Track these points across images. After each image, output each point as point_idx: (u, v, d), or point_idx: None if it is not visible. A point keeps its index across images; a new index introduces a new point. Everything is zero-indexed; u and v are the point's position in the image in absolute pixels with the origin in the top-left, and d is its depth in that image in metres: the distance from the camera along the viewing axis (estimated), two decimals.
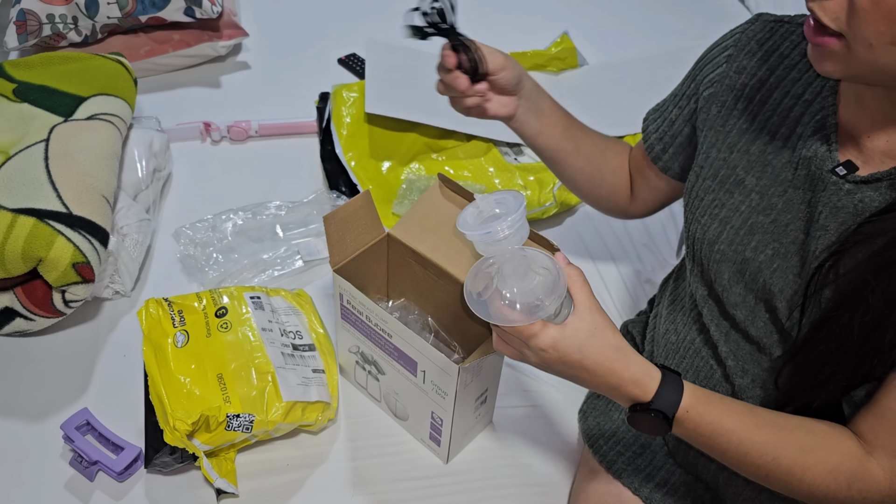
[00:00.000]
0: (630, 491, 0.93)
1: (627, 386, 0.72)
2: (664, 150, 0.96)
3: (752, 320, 0.80)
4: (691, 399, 0.72)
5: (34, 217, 1.05)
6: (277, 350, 1.03)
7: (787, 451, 0.72)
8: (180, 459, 0.97)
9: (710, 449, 0.74)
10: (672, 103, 0.94)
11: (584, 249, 1.36)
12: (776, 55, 0.80)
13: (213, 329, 1.02)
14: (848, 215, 0.72)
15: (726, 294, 0.82)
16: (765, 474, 0.73)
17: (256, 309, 1.06)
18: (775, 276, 0.77)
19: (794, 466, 0.72)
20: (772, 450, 0.72)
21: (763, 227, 0.79)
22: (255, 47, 1.77)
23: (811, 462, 0.71)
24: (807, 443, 0.72)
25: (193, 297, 1.06)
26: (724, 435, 0.73)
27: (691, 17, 1.98)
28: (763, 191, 0.79)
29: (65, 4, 1.54)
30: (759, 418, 0.74)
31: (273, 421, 0.96)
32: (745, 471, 0.75)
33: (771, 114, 0.80)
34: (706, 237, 0.83)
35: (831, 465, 0.71)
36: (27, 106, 1.27)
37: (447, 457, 1.04)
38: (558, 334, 0.70)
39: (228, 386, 0.96)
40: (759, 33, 0.82)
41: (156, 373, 0.96)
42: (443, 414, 0.97)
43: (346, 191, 1.40)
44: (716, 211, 0.83)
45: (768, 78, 0.80)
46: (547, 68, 1.72)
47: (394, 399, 1.05)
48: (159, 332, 1.00)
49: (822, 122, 0.76)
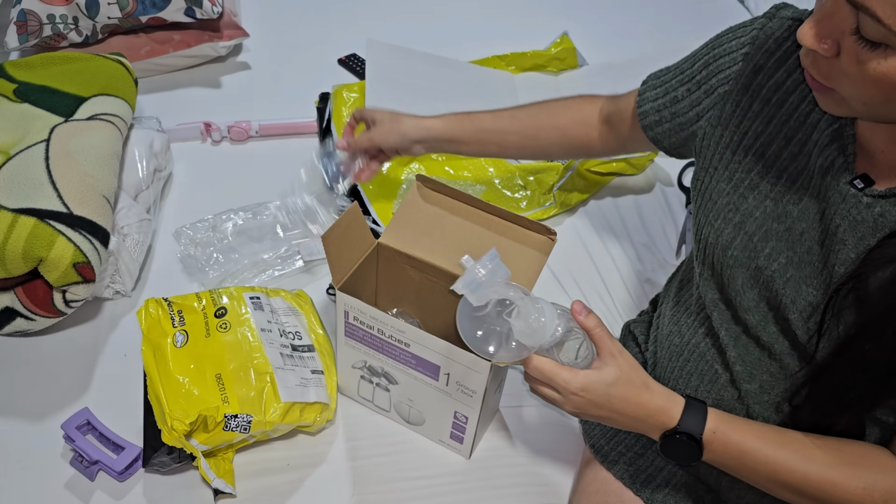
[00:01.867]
0: (632, 492, 0.93)
1: (654, 416, 0.76)
2: (659, 123, 0.93)
3: (765, 326, 0.79)
4: (716, 421, 0.75)
5: (35, 217, 1.05)
6: (276, 351, 1.03)
7: (815, 466, 0.72)
8: (178, 459, 0.97)
9: (741, 469, 0.76)
10: (678, 81, 0.91)
11: (583, 250, 1.36)
12: (795, 57, 0.78)
13: (212, 329, 1.02)
14: (868, 229, 0.70)
15: (739, 299, 0.81)
16: (796, 493, 0.74)
17: (256, 309, 1.06)
18: (788, 285, 0.76)
19: (825, 483, 0.71)
20: (800, 466, 0.72)
21: (777, 235, 0.77)
22: (256, 47, 1.78)
23: (842, 478, 0.71)
24: (836, 458, 0.72)
25: (193, 297, 1.06)
26: (752, 453, 0.74)
27: (691, 17, 1.98)
28: (778, 197, 0.78)
29: (65, 5, 1.54)
30: (786, 437, 0.75)
31: (271, 422, 0.96)
32: (777, 492, 0.75)
33: (788, 118, 0.78)
34: (719, 241, 0.82)
35: (865, 481, 0.70)
36: (28, 106, 1.27)
37: (469, 452, 1.04)
38: (586, 379, 0.75)
39: (227, 386, 0.96)
40: (778, 31, 0.80)
41: (154, 373, 0.96)
42: (468, 412, 0.97)
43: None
44: (730, 215, 0.81)
45: (786, 80, 0.78)
46: (547, 68, 1.72)
47: (407, 407, 1.04)
48: (159, 332, 1.00)
49: (839, 131, 0.74)
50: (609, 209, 1.44)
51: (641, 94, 0.96)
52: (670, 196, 1.46)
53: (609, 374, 0.75)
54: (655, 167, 1.51)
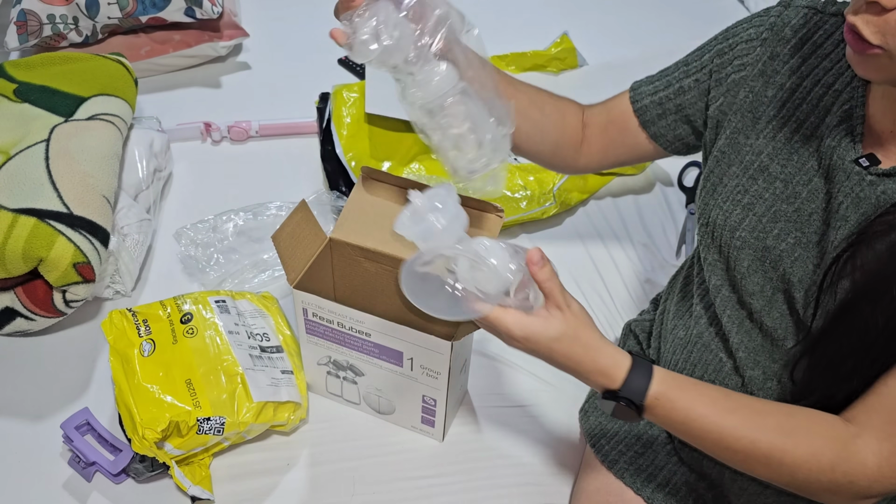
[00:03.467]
0: (632, 491, 0.93)
1: (596, 376, 0.74)
2: (662, 116, 0.93)
3: (769, 311, 0.80)
4: (662, 386, 0.73)
5: (35, 217, 1.05)
6: (245, 352, 1.03)
7: (764, 434, 0.71)
8: (151, 468, 0.97)
9: (687, 436, 0.75)
10: (684, 73, 0.91)
11: (583, 250, 1.36)
12: (809, 44, 0.80)
13: (179, 335, 1.02)
14: (870, 207, 0.72)
15: (744, 282, 0.82)
16: (743, 459, 0.73)
17: (222, 312, 1.06)
18: (796, 265, 0.77)
19: (773, 450, 0.71)
20: (748, 433, 0.72)
21: (786, 216, 0.78)
22: (256, 48, 1.77)
23: (790, 445, 0.71)
24: (785, 426, 0.72)
25: (157, 305, 1.06)
26: (697, 420, 0.73)
27: (691, 17, 1.98)
28: (788, 179, 0.79)
29: (65, 5, 1.54)
30: (734, 402, 0.74)
31: (244, 422, 0.96)
32: (724, 457, 0.75)
33: (801, 102, 0.79)
34: (728, 223, 0.83)
35: (813, 448, 0.70)
36: (28, 106, 1.27)
37: (442, 435, 1.05)
38: (529, 329, 0.72)
39: (198, 390, 0.96)
40: (794, 20, 0.81)
41: (123, 382, 0.96)
42: (436, 394, 0.98)
43: (347, 191, 1.40)
44: (738, 197, 0.82)
45: (800, 66, 0.80)
46: (547, 69, 1.72)
47: (376, 397, 1.05)
48: (125, 342, 1.00)
49: (849, 112, 0.75)
50: (609, 209, 1.44)
51: (635, 90, 0.95)
52: (670, 196, 1.47)
53: (554, 328, 0.72)
54: (655, 167, 1.51)
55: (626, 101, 0.96)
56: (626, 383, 0.73)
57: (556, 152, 0.98)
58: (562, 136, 0.96)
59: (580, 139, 0.98)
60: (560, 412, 1.11)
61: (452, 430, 1.08)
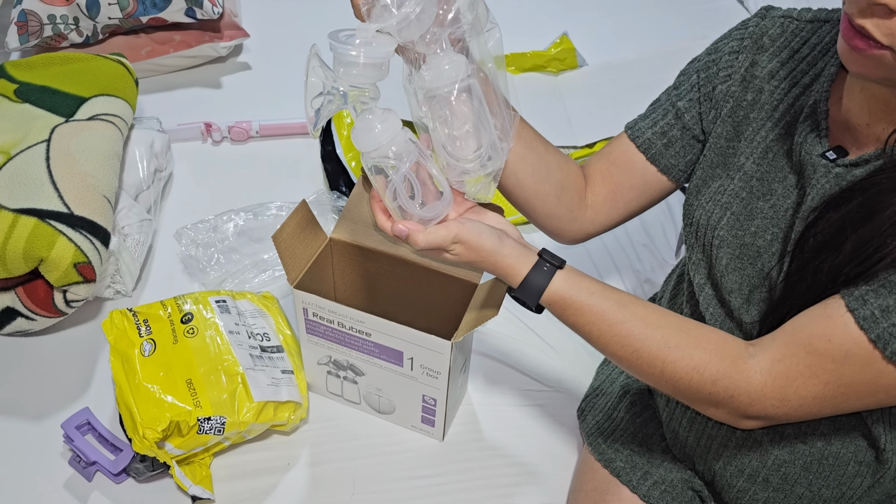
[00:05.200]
0: (628, 489, 0.94)
1: (501, 274, 0.79)
2: (668, 146, 0.90)
3: (747, 308, 0.81)
4: (561, 290, 0.77)
5: (35, 217, 1.06)
6: (246, 352, 1.03)
7: (648, 344, 0.76)
8: (151, 467, 0.97)
9: (581, 336, 0.80)
10: (676, 96, 0.90)
11: (583, 250, 1.36)
12: (787, 49, 0.83)
13: (179, 335, 1.02)
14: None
15: (723, 280, 0.83)
16: (628, 366, 0.78)
17: (223, 312, 1.07)
18: (775, 258, 0.79)
19: (655, 359, 0.75)
20: (633, 342, 0.76)
21: (763, 213, 0.81)
22: (256, 48, 1.78)
23: (674, 356, 0.75)
24: (673, 339, 0.75)
25: (158, 305, 1.06)
26: (586, 326, 0.78)
27: (691, 18, 1.98)
28: (763, 176, 0.81)
29: (66, 5, 1.54)
30: (627, 313, 0.77)
31: (245, 422, 0.96)
32: (616, 361, 0.79)
33: (778, 103, 0.82)
34: (709, 222, 0.85)
35: (697, 361, 0.74)
36: (28, 106, 1.27)
37: (442, 435, 1.05)
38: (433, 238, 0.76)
39: (198, 390, 0.96)
40: (771, 29, 0.84)
41: (124, 383, 0.96)
42: (436, 394, 0.99)
43: (347, 191, 1.40)
44: (718, 196, 0.85)
45: (778, 70, 0.83)
46: (547, 69, 1.72)
47: (376, 397, 1.06)
48: (126, 342, 1.00)
49: (813, 107, 0.78)
50: None
51: (632, 128, 0.92)
52: (670, 196, 1.46)
53: (452, 238, 0.77)
54: None
55: (625, 141, 0.93)
56: (522, 284, 0.78)
57: (562, 196, 0.90)
58: (566, 178, 0.90)
59: (584, 186, 0.93)
60: (559, 412, 1.11)
61: (452, 430, 1.08)
